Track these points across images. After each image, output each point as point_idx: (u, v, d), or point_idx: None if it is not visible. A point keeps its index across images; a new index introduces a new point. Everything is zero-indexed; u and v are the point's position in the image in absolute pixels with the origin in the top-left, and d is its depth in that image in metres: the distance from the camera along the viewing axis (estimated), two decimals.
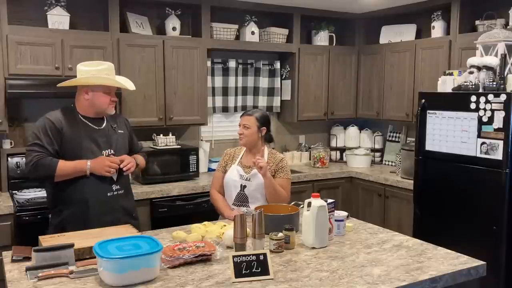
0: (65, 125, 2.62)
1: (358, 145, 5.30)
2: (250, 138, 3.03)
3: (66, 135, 2.61)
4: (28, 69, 3.57)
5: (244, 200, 3.00)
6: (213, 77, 4.66)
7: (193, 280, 1.95)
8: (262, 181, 2.96)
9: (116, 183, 2.72)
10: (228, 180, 3.06)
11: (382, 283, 1.92)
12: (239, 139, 3.07)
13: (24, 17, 3.80)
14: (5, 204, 3.36)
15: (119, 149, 2.78)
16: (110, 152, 2.72)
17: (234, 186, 3.03)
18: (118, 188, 2.74)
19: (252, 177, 3.00)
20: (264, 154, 3.07)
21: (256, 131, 3.03)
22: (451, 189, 3.62)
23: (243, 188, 3.00)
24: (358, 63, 5.19)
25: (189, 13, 4.49)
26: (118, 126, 2.85)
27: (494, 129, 3.30)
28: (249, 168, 3.03)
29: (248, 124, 3.02)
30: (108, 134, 2.75)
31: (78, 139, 2.63)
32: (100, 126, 2.73)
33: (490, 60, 3.43)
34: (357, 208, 4.76)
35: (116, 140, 2.78)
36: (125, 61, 3.95)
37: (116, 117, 2.91)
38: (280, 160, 3.08)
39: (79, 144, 2.62)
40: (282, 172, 3.06)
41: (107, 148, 2.71)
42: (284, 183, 3.04)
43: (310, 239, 2.35)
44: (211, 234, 2.48)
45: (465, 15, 4.21)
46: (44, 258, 2.05)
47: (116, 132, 2.81)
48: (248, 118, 3.04)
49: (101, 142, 2.70)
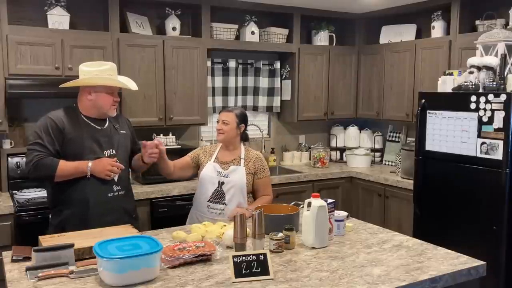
0: (67, 124, 2.61)
1: (358, 145, 5.30)
2: (229, 134, 3.02)
3: (68, 134, 2.60)
4: (28, 69, 3.57)
5: (221, 197, 2.96)
6: (213, 77, 4.66)
7: (193, 280, 1.95)
8: (240, 178, 2.96)
9: (117, 183, 2.71)
10: (204, 176, 3.01)
11: (382, 283, 1.92)
12: (217, 135, 3.05)
13: (24, 17, 3.80)
14: (5, 204, 3.36)
15: (121, 150, 2.78)
16: (111, 152, 2.71)
17: (211, 182, 2.98)
18: (119, 189, 2.73)
19: (231, 173, 2.98)
20: (241, 151, 3.07)
21: (235, 127, 3.03)
22: (451, 189, 3.62)
23: (221, 185, 2.97)
24: (358, 63, 5.19)
25: (189, 13, 4.49)
26: (120, 126, 2.84)
27: (494, 129, 3.30)
28: (226, 164, 3.01)
29: (227, 120, 3.01)
30: (110, 134, 2.74)
31: (80, 138, 2.62)
32: (102, 126, 2.73)
33: (490, 60, 3.43)
34: (357, 208, 4.76)
35: (118, 141, 2.77)
36: (125, 61, 3.95)
37: (118, 117, 2.89)
38: (257, 157, 3.07)
39: (81, 144, 2.62)
40: (263, 171, 3.06)
41: (109, 148, 2.71)
42: (266, 182, 3.07)
43: (310, 239, 2.35)
44: (211, 234, 2.48)
45: (465, 15, 4.21)
46: (44, 258, 2.05)
47: (118, 132, 2.80)
48: (228, 114, 3.03)
49: (103, 142, 2.69)
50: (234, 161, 3.03)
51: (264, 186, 3.07)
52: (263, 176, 3.06)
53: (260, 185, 3.05)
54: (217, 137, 3.07)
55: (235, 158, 3.04)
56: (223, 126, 3.01)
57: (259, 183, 3.05)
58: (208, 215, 2.96)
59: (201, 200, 3.03)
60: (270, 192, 3.10)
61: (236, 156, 3.05)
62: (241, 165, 3.01)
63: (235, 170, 2.98)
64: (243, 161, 3.02)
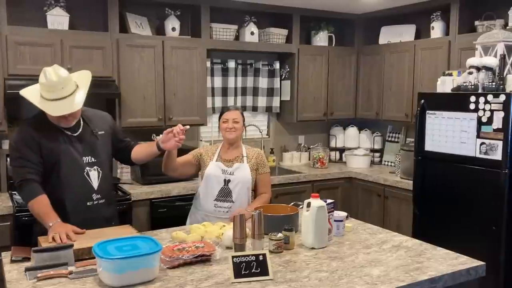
0: (42, 132, 2.47)
1: (358, 145, 5.30)
2: (239, 132, 3.04)
3: (43, 143, 2.46)
4: (28, 69, 3.56)
5: (228, 194, 2.96)
6: (213, 78, 4.66)
7: (193, 281, 1.95)
8: (245, 175, 2.97)
9: (96, 192, 2.57)
10: (209, 175, 2.99)
11: (382, 284, 1.93)
12: (228, 133, 3.00)
13: (24, 18, 3.80)
14: (5, 205, 3.36)
15: (102, 155, 2.62)
16: (90, 160, 2.56)
17: (217, 181, 2.97)
18: (99, 197, 2.58)
19: (235, 171, 2.98)
20: (242, 149, 3.08)
21: (242, 125, 3.06)
22: (450, 189, 3.62)
23: (227, 183, 2.97)
24: (357, 63, 5.19)
25: (189, 13, 4.49)
26: (99, 127, 2.65)
27: (494, 129, 3.30)
28: (229, 162, 3.01)
29: (238, 119, 3.01)
30: (87, 140, 2.58)
31: (55, 146, 2.48)
32: (75, 132, 2.55)
33: (489, 60, 3.44)
34: (357, 208, 4.76)
35: (96, 146, 2.60)
36: (124, 61, 3.95)
37: (94, 116, 2.69)
38: (258, 153, 3.09)
39: (57, 152, 2.47)
40: (264, 167, 3.08)
41: (88, 155, 2.56)
42: (266, 178, 3.08)
43: (309, 240, 2.35)
44: (210, 234, 2.48)
45: (464, 15, 4.21)
46: (44, 258, 2.05)
47: (96, 135, 2.62)
48: (236, 112, 3.04)
49: (80, 149, 2.54)
50: (237, 159, 3.03)
51: (263, 183, 3.07)
52: (263, 172, 3.07)
53: (259, 181, 3.06)
54: (228, 135, 3.01)
55: (238, 156, 3.04)
56: (234, 125, 3.00)
57: (259, 178, 3.05)
58: (215, 214, 2.95)
59: (207, 200, 3.01)
60: (268, 190, 3.10)
61: (238, 154, 3.05)
62: (244, 163, 3.01)
63: (240, 167, 2.98)
64: (246, 159, 3.03)
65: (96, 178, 2.57)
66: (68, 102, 2.40)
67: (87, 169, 2.55)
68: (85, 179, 2.55)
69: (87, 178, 2.55)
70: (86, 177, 2.55)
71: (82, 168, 2.54)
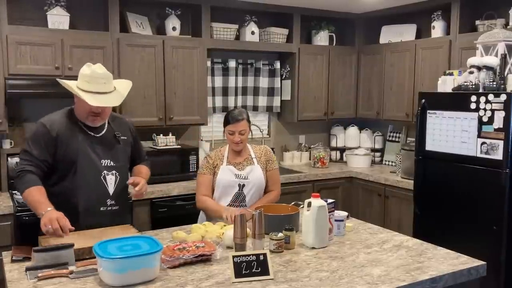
0: (61, 130, 2.42)
1: (358, 145, 5.30)
2: (246, 141, 3.01)
3: (62, 141, 2.41)
4: (28, 69, 3.57)
5: (242, 199, 2.95)
6: (213, 77, 4.66)
7: (193, 280, 1.94)
8: (259, 177, 2.95)
9: (111, 197, 2.51)
10: (222, 181, 2.93)
11: (382, 283, 1.92)
12: (235, 146, 2.94)
13: (24, 17, 3.80)
14: (5, 204, 3.36)
15: (121, 160, 2.58)
16: (109, 163, 2.51)
17: (231, 186, 2.93)
18: (113, 203, 2.51)
19: (249, 174, 2.95)
20: (249, 150, 3.05)
21: (249, 131, 3.00)
22: (451, 189, 3.62)
23: (242, 188, 2.93)
24: (358, 63, 5.19)
25: (189, 13, 4.49)
26: (122, 132, 2.61)
27: (494, 129, 3.30)
28: (240, 165, 2.97)
29: (244, 130, 2.92)
30: (108, 143, 2.53)
31: (74, 146, 2.42)
32: (98, 133, 2.51)
33: (490, 60, 3.43)
34: (357, 208, 4.75)
35: (118, 150, 2.56)
36: (125, 61, 3.95)
37: (119, 121, 2.68)
38: (265, 150, 3.08)
39: (75, 152, 2.42)
40: (272, 163, 3.07)
41: (107, 158, 2.51)
42: (275, 174, 3.07)
43: (310, 239, 2.35)
44: (211, 234, 2.48)
45: (465, 15, 4.20)
46: (44, 258, 2.05)
47: (118, 140, 2.57)
48: (242, 124, 2.91)
49: (100, 151, 2.49)
50: (247, 160, 2.99)
51: (272, 180, 3.04)
52: (272, 168, 3.05)
53: (269, 178, 3.03)
54: (235, 148, 2.94)
55: (247, 157, 3.01)
56: (241, 137, 2.91)
57: (268, 175, 3.02)
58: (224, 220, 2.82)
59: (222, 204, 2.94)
60: (277, 187, 3.07)
61: (246, 155, 3.01)
62: (255, 164, 2.99)
63: (252, 170, 2.95)
64: (255, 159, 3.00)
65: (112, 183, 2.52)
66: (108, 97, 2.42)
67: (104, 172, 2.50)
68: (101, 182, 2.49)
69: (104, 182, 2.49)
70: (102, 181, 2.49)
71: (99, 171, 2.49)
